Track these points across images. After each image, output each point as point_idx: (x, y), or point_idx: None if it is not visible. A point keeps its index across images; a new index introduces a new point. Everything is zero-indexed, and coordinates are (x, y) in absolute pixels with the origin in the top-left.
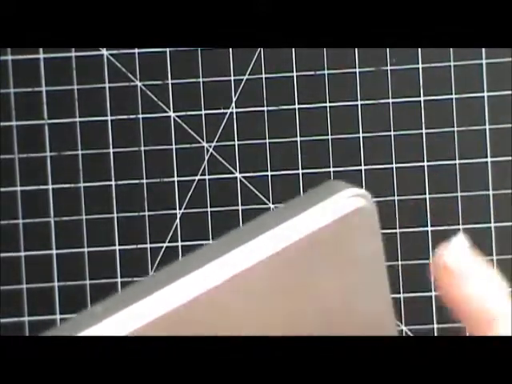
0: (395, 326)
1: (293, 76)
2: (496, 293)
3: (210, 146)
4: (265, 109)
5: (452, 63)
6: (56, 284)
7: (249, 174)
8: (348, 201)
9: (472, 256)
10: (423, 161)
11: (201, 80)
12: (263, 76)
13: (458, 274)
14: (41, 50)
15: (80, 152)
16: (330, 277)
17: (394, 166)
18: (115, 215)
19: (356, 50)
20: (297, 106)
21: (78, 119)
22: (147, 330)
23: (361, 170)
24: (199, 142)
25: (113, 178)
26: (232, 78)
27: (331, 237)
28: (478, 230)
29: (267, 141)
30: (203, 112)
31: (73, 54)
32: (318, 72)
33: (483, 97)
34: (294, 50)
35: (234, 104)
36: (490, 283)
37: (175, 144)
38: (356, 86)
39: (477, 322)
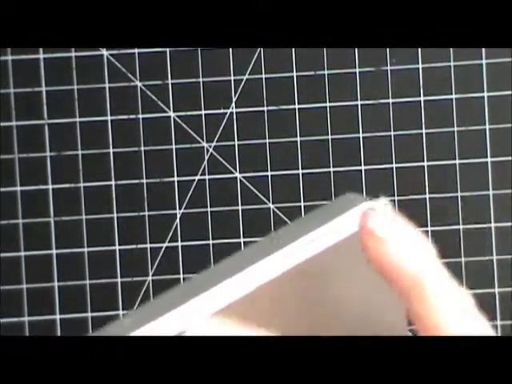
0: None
1: (293, 76)
2: (421, 255)
3: (210, 146)
4: (265, 109)
5: (452, 63)
6: (56, 284)
7: (249, 174)
8: None
9: (396, 219)
10: (423, 161)
11: (201, 80)
12: (263, 76)
13: (382, 238)
14: (41, 50)
15: (80, 152)
16: (349, 286)
17: (394, 165)
18: (115, 215)
19: (356, 49)
20: (297, 106)
21: (77, 119)
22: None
23: (361, 170)
24: (199, 142)
25: (113, 178)
26: (232, 77)
27: (351, 248)
28: (478, 229)
29: (267, 141)
30: (203, 112)
31: (73, 53)
32: (317, 72)
33: (483, 97)
34: (294, 49)
35: (233, 104)
36: (416, 245)
37: (175, 144)
38: (356, 86)
39: (404, 286)
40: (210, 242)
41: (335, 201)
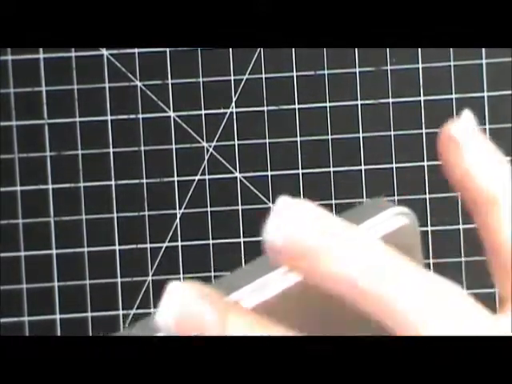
0: None
1: (293, 76)
2: (496, 170)
3: (210, 146)
4: (265, 109)
5: (452, 63)
6: (56, 284)
7: (249, 174)
8: (392, 219)
9: (477, 131)
10: (423, 161)
11: (201, 80)
12: (263, 76)
13: (462, 146)
14: (41, 50)
15: (80, 152)
16: None
17: (394, 165)
18: (115, 215)
19: (356, 49)
20: (297, 106)
21: (77, 119)
22: None
23: (361, 170)
24: (199, 142)
25: (113, 178)
26: (232, 77)
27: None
28: None
29: (267, 141)
30: (203, 112)
31: (73, 53)
32: (317, 72)
33: (483, 97)
34: (294, 49)
35: (233, 104)
36: (492, 159)
37: (175, 144)
38: (356, 86)
39: (477, 198)
40: (210, 241)
41: (361, 206)
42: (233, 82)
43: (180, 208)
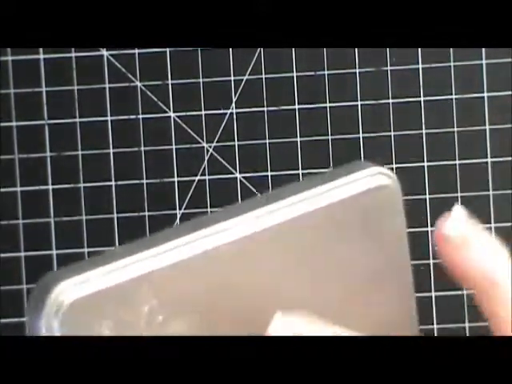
0: (415, 306)
1: (293, 76)
2: (495, 258)
3: (210, 146)
4: (265, 109)
5: (452, 63)
6: None
7: (249, 174)
8: (372, 178)
9: (471, 225)
10: (423, 161)
11: (201, 80)
12: (263, 76)
13: (458, 244)
14: (41, 50)
15: (80, 152)
16: (351, 247)
17: (394, 165)
18: (115, 215)
19: (356, 49)
20: (297, 106)
21: (78, 119)
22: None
23: None
24: (199, 142)
25: (113, 178)
26: (232, 78)
27: (353, 209)
28: None
29: (267, 141)
30: (203, 112)
31: (73, 54)
32: (317, 72)
33: (483, 97)
34: (294, 49)
35: (234, 104)
36: (489, 249)
37: (175, 144)
38: (356, 86)
39: (480, 289)
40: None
41: (346, 165)
42: (233, 82)
43: (180, 208)
